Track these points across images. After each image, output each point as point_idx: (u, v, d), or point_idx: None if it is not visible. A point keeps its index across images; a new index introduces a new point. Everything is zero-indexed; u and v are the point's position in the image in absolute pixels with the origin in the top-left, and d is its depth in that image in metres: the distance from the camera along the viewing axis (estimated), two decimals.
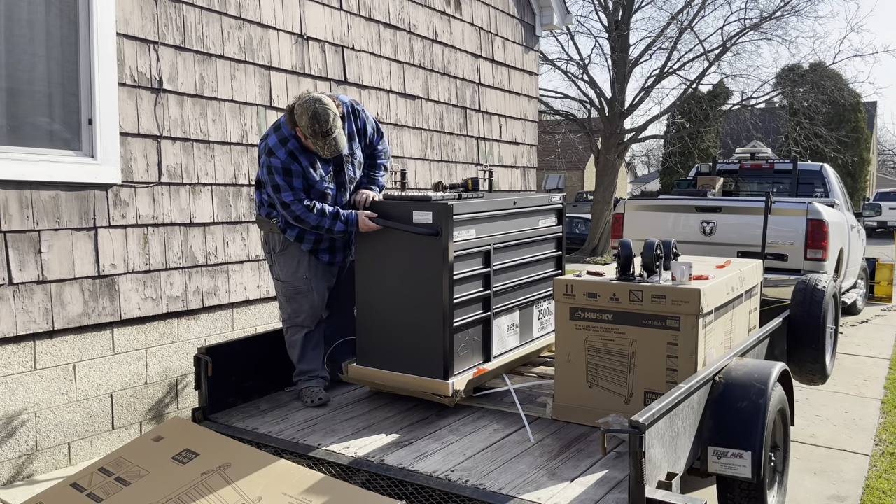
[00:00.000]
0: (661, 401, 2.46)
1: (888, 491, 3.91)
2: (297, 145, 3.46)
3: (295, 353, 3.72)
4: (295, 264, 3.64)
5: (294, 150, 3.45)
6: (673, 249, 3.55)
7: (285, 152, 3.43)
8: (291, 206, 3.43)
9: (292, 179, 3.43)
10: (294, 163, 3.45)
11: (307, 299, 3.66)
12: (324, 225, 3.46)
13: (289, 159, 3.43)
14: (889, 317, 9.09)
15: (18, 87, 3.77)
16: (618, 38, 18.02)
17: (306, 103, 3.35)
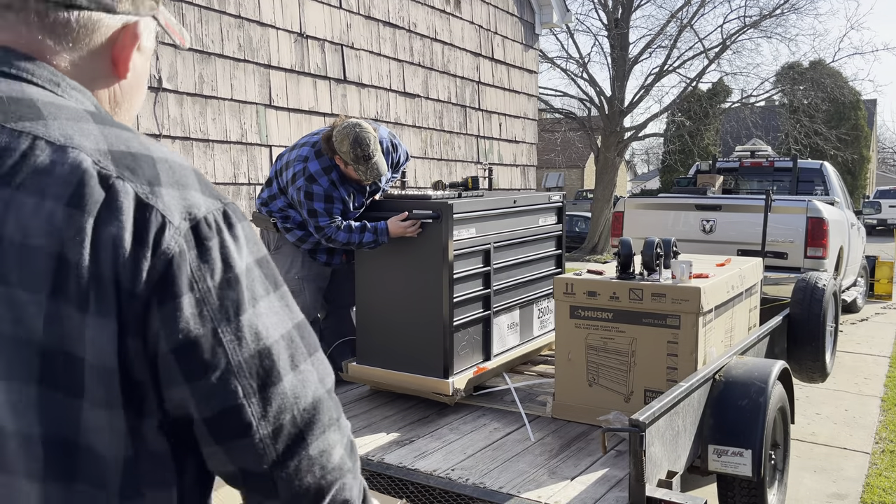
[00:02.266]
0: (662, 399, 2.46)
1: (888, 489, 3.91)
2: (339, 175, 3.48)
3: None
4: (288, 263, 3.65)
5: (336, 180, 3.48)
6: (673, 248, 3.55)
7: (328, 181, 3.45)
8: (325, 230, 3.45)
9: (332, 206, 3.45)
10: (336, 191, 3.47)
11: (299, 299, 3.66)
12: (353, 241, 3.45)
13: (331, 187, 3.45)
14: (889, 315, 9.09)
15: None
16: (617, 37, 18.02)
17: (346, 129, 3.34)
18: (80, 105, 0.83)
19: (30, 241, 0.73)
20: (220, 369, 0.78)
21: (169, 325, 0.76)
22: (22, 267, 0.72)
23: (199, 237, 0.78)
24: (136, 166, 0.78)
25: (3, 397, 0.73)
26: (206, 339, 0.78)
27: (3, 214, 0.73)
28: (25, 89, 0.80)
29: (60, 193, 0.74)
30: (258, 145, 4.92)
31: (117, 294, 0.74)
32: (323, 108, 5.39)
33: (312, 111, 5.31)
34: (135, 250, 0.74)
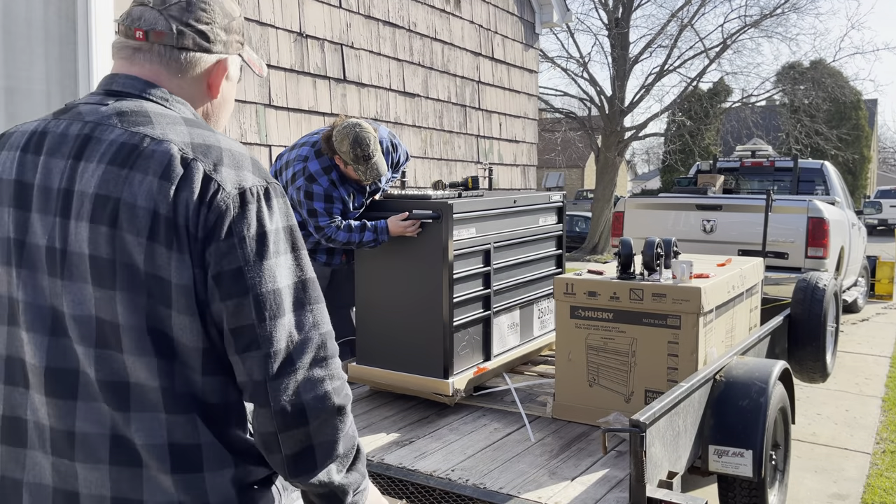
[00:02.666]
0: (662, 400, 2.45)
1: (889, 489, 3.91)
2: (338, 175, 3.49)
3: None
4: None
5: (335, 180, 3.49)
6: (673, 248, 3.54)
7: (328, 181, 3.46)
8: (325, 230, 3.46)
9: (332, 206, 3.46)
10: (336, 190, 3.48)
11: None
12: (354, 240, 3.46)
13: (331, 187, 3.47)
14: (890, 315, 9.08)
15: (17, 85, 3.76)
16: (618, 36, 18.02)
17: (345, 129, 3.35)
18: (181, 114, 1.21)
19: (137, 202, 1.09)
20: (241, 296, 1.11)
21: (213, 258, 1.10)
22: (131, 219, 1.09)
23: (243, 201, 1.12)
24: (207, 152, 1.14)
25: (122, 303, 1.10)
26: (235, 272, 1.11)
27: (122, 185, 1.10)
28: (144, 105, 1.20)
29: (156, 170, 1.10)
30: (258, 145, 4.91)
31: (188, 237, 1.09)
32: (323, 108, 5.38)
33: (312, 111, 5.30)
34: (198, 206, 1.09)
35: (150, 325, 1.10)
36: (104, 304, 1.10)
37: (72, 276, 1.12)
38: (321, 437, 1.16)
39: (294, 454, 1.15)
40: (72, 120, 1.20)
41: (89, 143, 1.15)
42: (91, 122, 1.18)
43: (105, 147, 1.14)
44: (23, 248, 1.15)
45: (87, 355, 1.11)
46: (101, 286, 1.10)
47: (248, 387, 1.14)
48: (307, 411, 1.13)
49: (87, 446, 1.11)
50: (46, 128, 1.21)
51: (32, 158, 1.18)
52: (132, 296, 1.09)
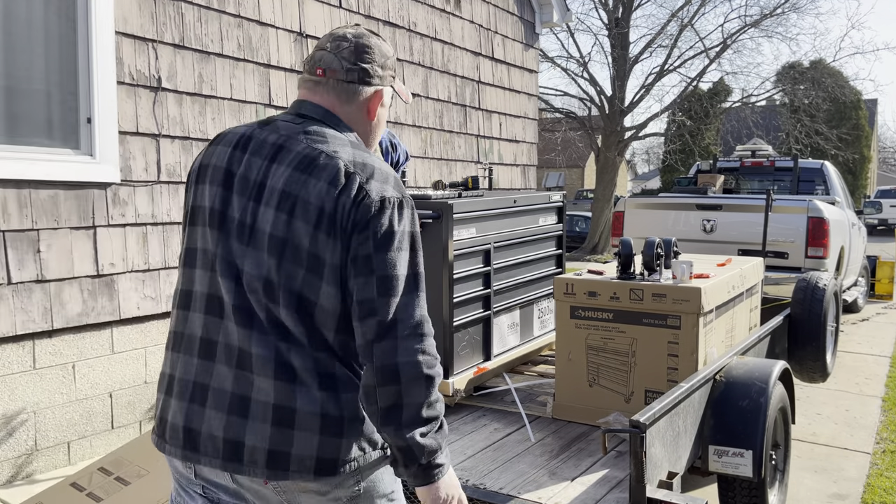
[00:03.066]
0: (662, 400, 2.45)
1: (889, 489, 3.90)
2: None
3: None
4: None
5: None
6: (673, 248, 3.54)
7: None
8: None
9: None
10: None
11: None
12: None
13: None
14: (890, 315, 9.08)
15: (17, 85, 3.76)
16: (618, 36, 18.01)
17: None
18: (347, 137, 1.60)
19: (310, 200, 1.48)
20: (368, 276, 1.46)
21: (353, 245, 1.47)
22: (304, 212, 1.47)
23: (382, 206, 1.48)
24: (364, 169, 1.51)
25: (285, 271, 1.47)
26: (366, 257, 1.47)
27: (301, 186, 1.49)
28: (322, 128, 1.59)
29: (327, 178, 1.48)
30: None
31: (342, 229, 1.46)
32: None
33: None
34: (350, 207, 1.47)
35: (301, 291, 1.48)
36: (273, 269, 1.49)
37: (254, 245, 1.52)
38: (409, 398, 1.46)
39: (386, 407, 1.45)
40: (271, 131, 1.60)
41: (282, 150, 1.55)
42: (285, 135, 1.58)
43: (293, 156, 1.54)
44: (224, 218, 1.56)
45: (257, 303, 1.51)
46: (273, 256, 1.49)
47: (361, 348, 1.48)
48: (399, 372, 1.44)
49: (260, 364, 1.49)
50: (252, 134, 1.61)
51: (239, 155, 1.59)
52: (294, 267, 1.48)
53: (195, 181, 1.64)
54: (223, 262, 1.54)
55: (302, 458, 1.48)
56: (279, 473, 1.48)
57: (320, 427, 1.49)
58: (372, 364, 1.45)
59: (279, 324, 1.49)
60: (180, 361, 1.59)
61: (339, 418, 1.50)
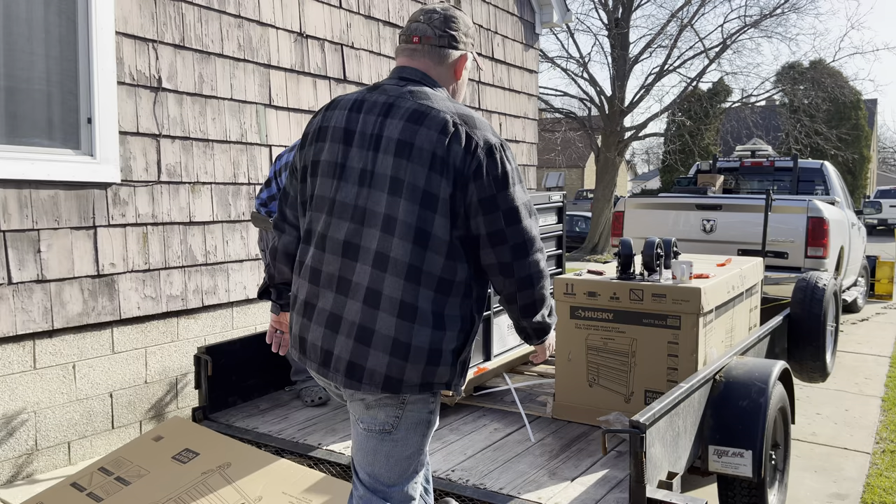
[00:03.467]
0: (662, 400, 2.45)
1: (889, 489, 3.91)
2: None
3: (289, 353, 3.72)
4: None
5: None
6: (673, 248, 3.54)
7: None
8: None
9: None
10: None
11: None
12: None
13: None
14: (889, 314, 9.08)
15: (17, 85, 3.76)
16: (618, 36, 18.01)
17: None
18: (443, 94, 1.92)
19: (423, 146, 1.78)
20: (495, 212, 1.81)
21: (476, 189, 1.80)
22: (419, 156, 1.78)
23: (491, 152, 1.81)
24: (466, 120, 1.83)
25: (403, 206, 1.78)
26: (490, 197, 1.80)
27: (414, 135, 1.79)
28: (423, 88, 1.90)
29: (436, 128, 1.79)
30: (258, 145, 4.91)
31: (454, 171, 1.78)
32: None
33: (312, 111, 5.30)
34: (464, 154, 1.79)
35: (417, 223, 1.78)
36: (392, 205, 1.80)
37: (374, 187, 1.83)
38: (540, 295, 1.91)
39: (524, 305, 1.92)
40: (380, 93, 1.92)
41: (393, 107, 1.87)
42: (393, 95, 1.90)
43: (403, 111, 1.85)
44: (343, 168, 1.88)
45: (371, 236, 1.81)
46: (392, 195, 1.80)
47: (497, 267, 1.86)
48: (533, 279, 1.89)
49: (356, 291, 1.81)
50: (364, 97, 1.93)
51: (355, 115, 1.90)
52: (411, 203, 1.79)
53: (314, 140, 1.97)
54: (340, 207, 1.86)
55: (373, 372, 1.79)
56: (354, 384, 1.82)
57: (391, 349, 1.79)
58: (513, 278, 1.87)
59: (383, 255, 1.79)
60: (300, 286, 1.95)
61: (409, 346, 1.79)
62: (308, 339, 1.89)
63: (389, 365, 1.77)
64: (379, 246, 1.79)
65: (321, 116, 1.99)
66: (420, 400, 1.86)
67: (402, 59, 1.99)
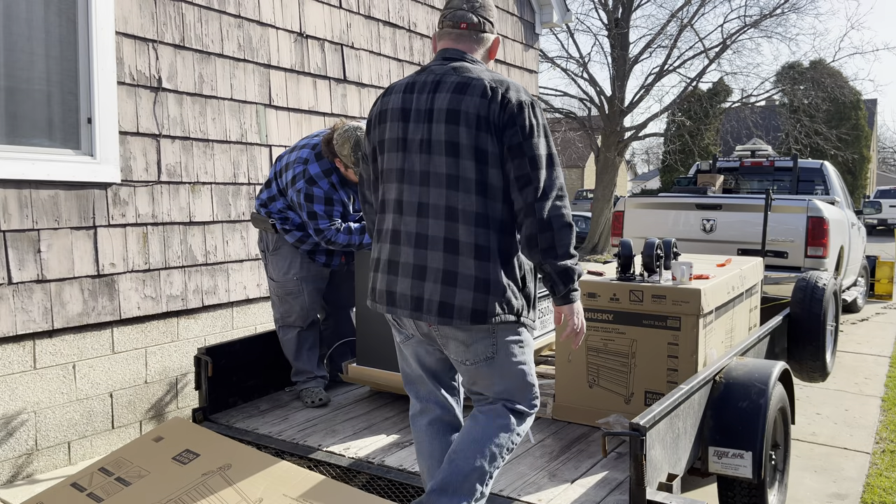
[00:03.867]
0: (662, 402, 2.45)
1: (889, 489, 3.91)
2: (339, 178, 3.52)
3: (290, 352, 3.72)
4: (287, 265, 3.64)
5: (336, 183, 3.51)
6: (673, 249, 3.54)
7: (328, 184, 3.48)
8: (325, 233, 3.47)
9: (332, 209, 3.47)
10: (336, 193, 3.50)
11: (298, 300, 3.65)
12: (353, 242, 3.49)
13: (331, 190, 3.48)
14: (889, 314, 9.09)
15: (17, 85, 3.76)
16: (617, 36, 18.00)
17: (347, 132, 3.38)
18: (482, 67, 2.26)
19: (469, 111, 2.12)
20: (521, 158, 2.09)
21: (507, 138, 2.10)
22: (466, 120, 2.11)
23: (521, 107, 2.12)
24: (501, 83, 2.16)
25: (461, 164, 2.11)
26: (518, 144, 2.10)
27: (460, 103, 2.13)
28: (466, 64, 2.24)
29: (478, 93, 2.13)
30: (258, 145, 4.91)
31: (495, 127, 2.11)
32: (323, 108, 5.38)
33: (312, 111, 5.30)
34: (499, 110, 2.11)
35: (475, 176, 2.11)
36: (451, 165, 2.13)
37: (432, 152, 2.15)
38: (560, 239, 2.13)
39: (545, 248, 2.12)
40: (428, 73, 2.25)
41: (440, 84, 2.20)
42: (439, 73, 2.23)
43: (449, 85, 2.18)
44: (405, 141, 2.21)
45: (438, 194, 2.14)
46: (449, 156, 2.13)
47: (524, 208, 2.12)
48: (553, 221, 2.11)
49: (434, 243, 2.14)
50: (415, 80, 2.26)
51: (409, 96, 2.24)
52: (467, 160, 2.12)
53: (377, 123, 2.30)
54: (409, 174, 2.19)
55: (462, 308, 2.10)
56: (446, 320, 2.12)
57: (492, 288, 2.11)
58: (534, 218, 2.10)
59: (452, 209, 2.12)
60: (381, 249, 2.26)
61: (497, 283, 2.12)
62: (397, 291, 2.19)
63: (475, 300, 2.10)
64: (447, 202, 2.13)
65: (380, 102, 2.32)
66: (506, 326, 2.17)
67: (446, 42, 2.31)
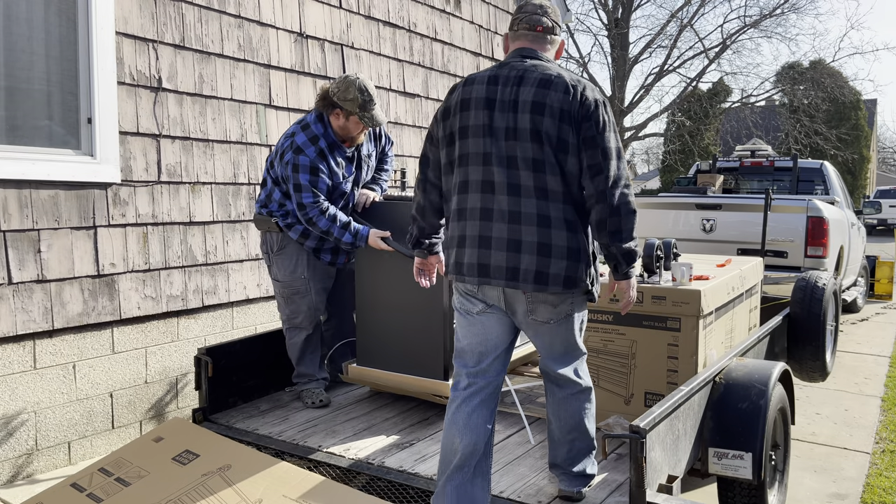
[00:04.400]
0: (662, 404, 2.45)
1: (888, 489, 3.91)
2: (326, 144, 3.48)
3: (294, 355, 3.71)
4: (293, 264, 3.63)
5: (324, 149, 3.47)
6: (673, 250, 3.54)
7: (315, 151, 3.44)
8: (307, 209, 3.41)
9: (317, 180, 3.42)
10: (322, 162, 3.45)
11: (305, 300, 3.64)
12: (332, 232, 3.44)
13: (318, 158, 3.43)
14: (889, 314, 9.09)
15: (17, 85, 3.76)
16: (617, 36, 18.01)
17: (346, 80, 3.43)
18: (557, 65, 2.51)
19: (553, 104, 2.36)
20: (595, 149, 2.36)
21: (584, 130, 2.36)
22: (550, 112, 2.36)
23: (596, 105, 2.39)
24: (579, 83, 2.42)
25: (545, 151, 2.37)
26: (592, 137, 2.36)
27: (546, 97, 2.37)
28: (543, 62, 2.50)
29: (561, 89, 2.38)
30: (258, 145, 4.91)
31: (575, 120, 2.36)
32: None
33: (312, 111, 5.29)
34: (579, 106, 2.37)
35: (558, 162, 2.36)
36: (536, 151, 2.37)
37: (518, 140, 2.38)
38: (626, 224, 2.37)
39: (613, 231, 2.37)
40: (510, 69, 2.46)
41: (523, 78, 2.42)
42: (521, 69, 2.46)
43: (533, 80, 2.41)
44: (491, 129, 2.42)
45: (527, 176, 2.38)
46: (534, 143, 2.37)
47: (595, 195, 2.36)
48: (621, 208, 2.36)
49: (527, 219, 2.37)
50: (497, 73, 2.47)
51: (492, 87, 2.44)
52: (549, 148, 2.36)
53: (458, 110, 2.48)
54: (496, 157, 2.40)
55: (557, 275, 2.36)
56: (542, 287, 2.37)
57: (571, 255, 2.37)
58: (605, 204, 2.34)
59: (541, 188, 2.37)
60: (467, 225, 2.46)
61: (576, 250, 2.39)
62: (491, 263, 2.40)
63: (567, 268, 2.37)
64: (535, 182, 2.36)
65: (460, 91, 2.50)
66: (580, 291, 2.45)
67: (522, 42, 2.56)
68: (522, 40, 2.55)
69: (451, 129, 2.49)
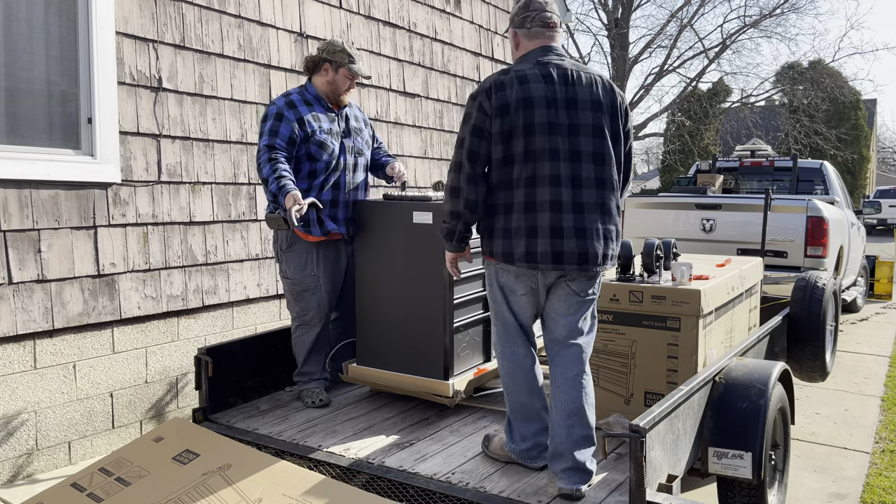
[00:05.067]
0: (662, 403, 2.45)
1: (888, 488, 3.91)
2: (301, 99, 3.60)
3: (301, 353, 3.71)
4: (303, 261, 3.63)
5: (295, 100, 3.58)
6: (673, 249, 3.54)
7: (284, 100, 3.56)
8: (261, 153, 3.46)
9: (280, 125, 3.48)
10: (290, 111, 3.53)
11: (315, 296, 3.64)
12: (264, 177, 3.41)
13: (285, 106, 3.53)
14: (889, 314, 9.09)
15: (17, 85, 3.76)
16: (617, 36, 18.01)
17: (332, 40, 3.70)
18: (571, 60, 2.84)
19: (603, 101, 2.69)
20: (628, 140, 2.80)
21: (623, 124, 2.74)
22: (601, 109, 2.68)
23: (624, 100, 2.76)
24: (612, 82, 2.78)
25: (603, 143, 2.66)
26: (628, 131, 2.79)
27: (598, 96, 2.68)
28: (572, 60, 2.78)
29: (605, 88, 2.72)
30: None
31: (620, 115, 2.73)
32: None
33: None
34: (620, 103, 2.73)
35: (613, 151, 2.67)
36: (597, 145, 2.63)
37: (579, 134, 2.62)
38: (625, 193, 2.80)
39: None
40: (553, 67, 2.66)
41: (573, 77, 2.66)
42: (565, 67, 2.68)
43: (584, 80, 2.66)
44: (556, 126, 2.61)
45: (589, 168, 2.62)
46: (593, 137, 2.63)
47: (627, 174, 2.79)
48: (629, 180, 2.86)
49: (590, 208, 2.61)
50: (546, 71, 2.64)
51: (549, 87, 2.63)
52: (604, 139, 2.64)
53: (522, 107, 2.60)
54: (562, 152, 2.59)
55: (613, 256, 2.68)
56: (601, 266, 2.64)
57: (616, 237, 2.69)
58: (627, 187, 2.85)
59: (600, 179, 2.62)
60: (538, 217, 2.60)
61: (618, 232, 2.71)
62: (564, 250, 2.58)
63: (616, 249, 2.69)
64: (596, 174, 2.62)
65: (517, 90, 2.60)
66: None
67: (541, 40, 2.73)
68: (541, 38, 2.73)
69: (511, 125, 2.60)
